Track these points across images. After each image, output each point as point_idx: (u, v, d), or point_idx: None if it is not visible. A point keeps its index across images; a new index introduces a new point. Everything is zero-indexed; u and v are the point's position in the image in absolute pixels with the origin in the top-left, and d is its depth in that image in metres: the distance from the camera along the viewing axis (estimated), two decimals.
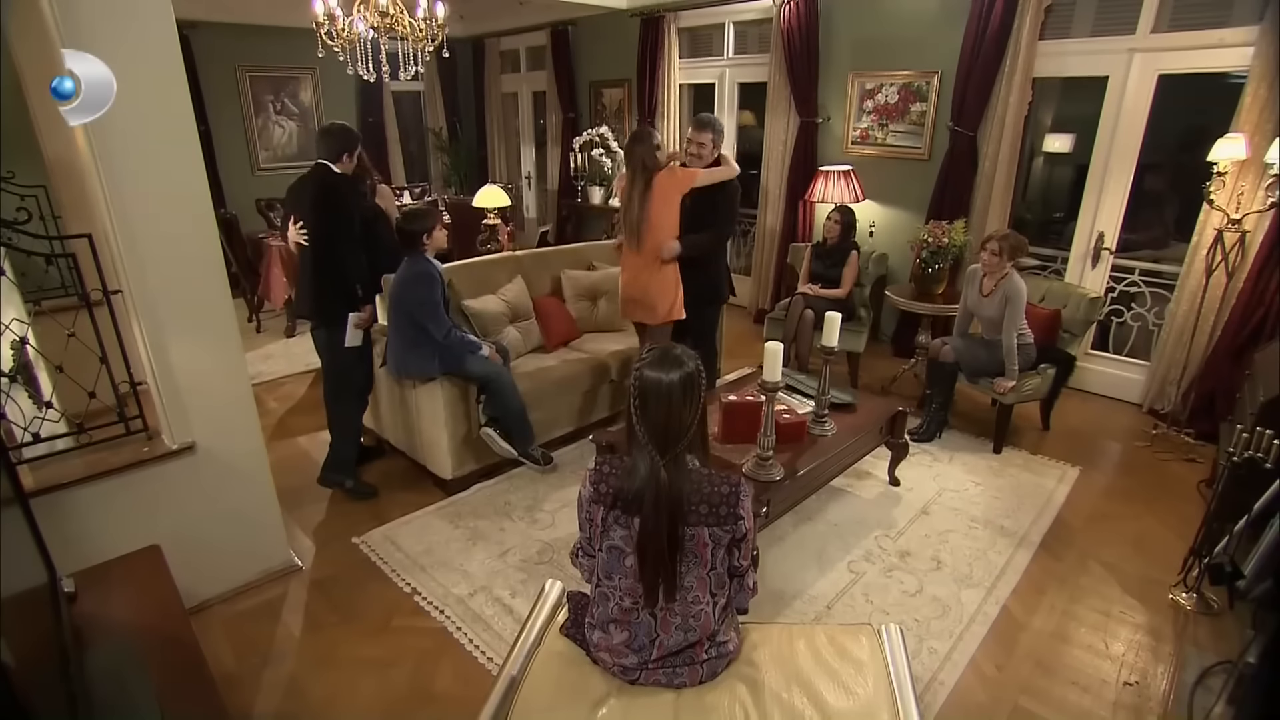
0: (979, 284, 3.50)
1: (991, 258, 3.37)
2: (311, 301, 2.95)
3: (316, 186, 2.81)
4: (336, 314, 2.90)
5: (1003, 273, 3.39)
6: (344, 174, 2.84)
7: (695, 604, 1.44)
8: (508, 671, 1.55)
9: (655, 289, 3.21)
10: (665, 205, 3.09)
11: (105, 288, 2.06)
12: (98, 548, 1.97)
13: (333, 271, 2.85)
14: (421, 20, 3.87)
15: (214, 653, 2.16)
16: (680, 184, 3.11)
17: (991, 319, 3.45)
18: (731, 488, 1.42)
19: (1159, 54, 3.67)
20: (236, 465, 2.41)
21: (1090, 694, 2.09)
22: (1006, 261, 3.36)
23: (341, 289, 2.88)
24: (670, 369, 1.37)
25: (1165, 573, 2.60)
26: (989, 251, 3.38)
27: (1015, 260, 3.39)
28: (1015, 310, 3.31)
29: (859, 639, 1.64)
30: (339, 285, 2.87)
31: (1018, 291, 3.31)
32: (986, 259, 3.40)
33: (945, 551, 2.73)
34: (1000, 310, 3.37)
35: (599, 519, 1.45)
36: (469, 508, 3.03)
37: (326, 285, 2.87)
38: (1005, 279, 3.37)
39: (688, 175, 3.11)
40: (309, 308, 2.99)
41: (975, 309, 3.56)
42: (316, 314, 2.96)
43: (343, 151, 2.82)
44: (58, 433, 2.11)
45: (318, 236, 2.82)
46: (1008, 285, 3.34)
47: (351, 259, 2.87)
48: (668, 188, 3.09)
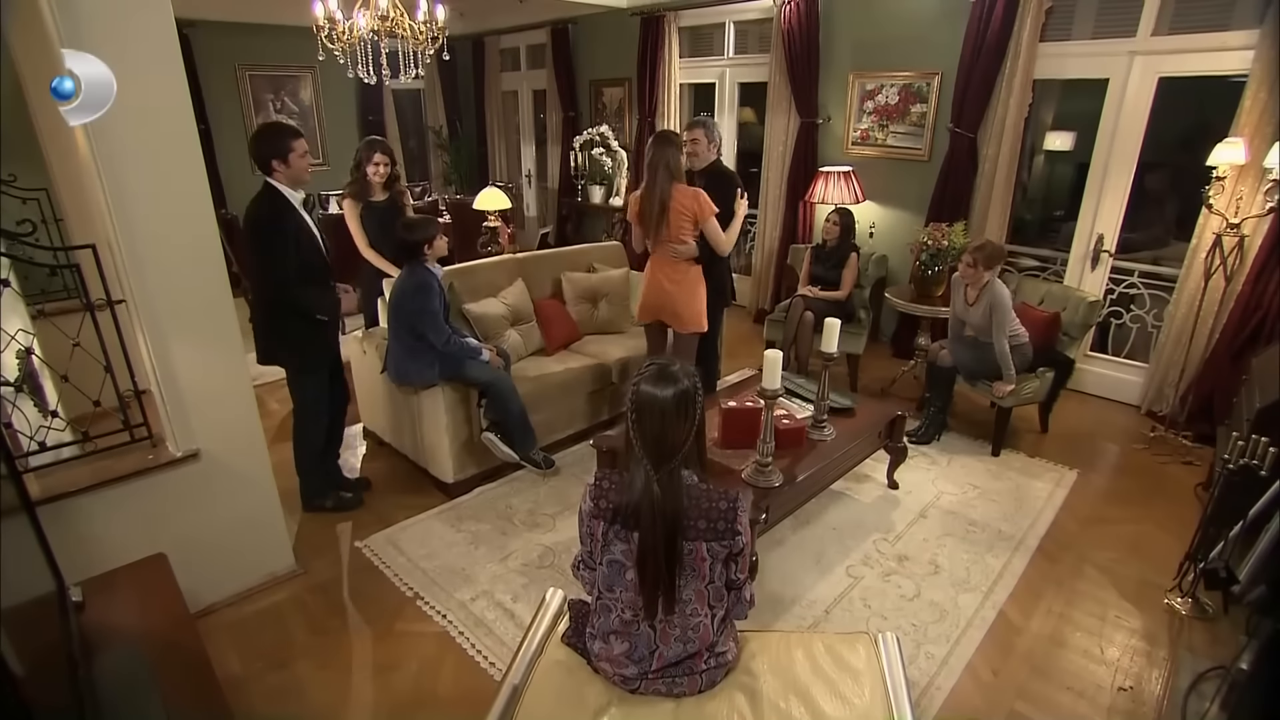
0: (963, 292, 3.55)
1: (968, 269, 3.42)
2: (263, 343, 2.77)
3: (245, 214, 2.62)
4: (293, 357, 2.77)
5: (983, 282, 3.42)
6: (274, 190, 2.56)
7: (694, 616, 1.46)
8: (510, 680, 1.58)
9: (682, 295, 3.19)
10: (680, 216, 3.06)
11: (109, 297, 2.07)
12: (104, 554, 2.00)
13: (279, 309, 2.67)
14: (422, 23, 3.86)
15: (219, 657, 2.18)
16: (697, 211, 3.04)
17: (979, 326, 3.49)
18: (729, 503, 1.44)
19: (1159, 56, 3.67)
20: (240, 471, 2.43)
21: (1085, 699, 2.11)
22: (984, 271, 3.40)
23: (293, 329, 2.69)
24: (666, 385, 1.39)
25: (1161, 576, 2.62)
26: (965, 264, 3.43)
27: (993, 269, 3.42)
28: (1001, 316, 3.35)
29: (856, 647, 1.66)
30: (290, 325, 2.69)
31: (1000, 298, 3.35)
32: (964, 270, 3.45)
33: (943, 555, 2.75)
34: (986, 318, 3.40)
35: (599, 534, 1.47)
36: (470, 511, 3.05)
37: (275, 327, 2.70)
38: (987, 287, 3.41)
39: (705, 208, 3.05)
40: (262, 350, 2.78)
41: (963, 316, 3.60)
42: (270, 358, 2.79)
43: (270, 158, 2.53)
44: (63, 441, 2.13)
45: (252, 272, 2.64)
46: (990, 293, 3.38)
47: (298, 291, 2.62)
48: (687, 204, 3.04)
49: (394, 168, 3.68)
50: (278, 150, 2.54)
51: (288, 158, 2.55)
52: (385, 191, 3.68)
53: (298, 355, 2.79)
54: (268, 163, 2.54)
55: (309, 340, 2.76)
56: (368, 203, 3.66)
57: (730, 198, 3.24)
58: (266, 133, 2.60)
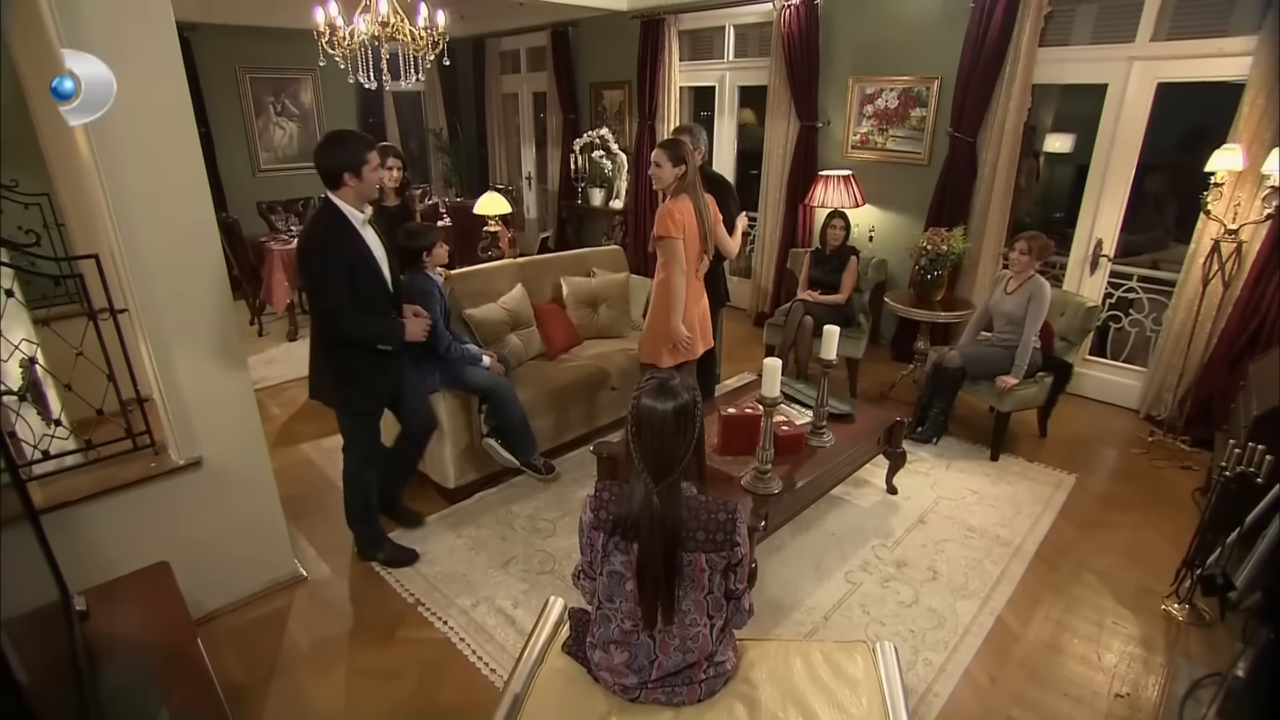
0: (1004, 283, 3.59)
1: (1021, 257, 3.47)
2: (313, 374, 2.52)
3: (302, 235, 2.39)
4: (337, 397, 2.51)
5: (1029, 274, 3.47)
6: (335, 210, 2.25)
7: (693, 626, 1.47)
8: (511, 689, 1.59)
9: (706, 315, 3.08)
10: (717, 229, 2.99)
11: (112, 306, 2.08)
12: (107, 562, 2.02)
13: (329, 340, 2.39)
14: (422, 29, 3.88)
15: (222, 663, 2.20)
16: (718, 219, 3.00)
17: (1011, 314, 3.52)
18: (728, 515, 1.45)
19: (1158, 62, 3.68)
20: (242, 478, 2.44)
21: (1083, 706, 2.12)
22: (1035, 262, 3.46)
23: (344, 364, 2.42)
24: (666, 399, 1.41)
25: (1159, 582, 2.63)
26: (1018, 250, 3.48)
27: (1043, 259, 3.48)
28: (1039, 306, 3.40)
29: (854, 657, 1.67)
30: (339, 359, 2.41)
31: (1043, 290, 3.42)
32: (1016, 258, 3.49)
33: (941, 561, 2.76)
34: (1023, 307, 3.45)
35: (599, 545, 1.48)
36: (471, 516, 3.06)
37: (323, 359, 2.44)
38: (1031, 279, 3.46)
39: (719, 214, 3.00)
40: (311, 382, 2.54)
41: (996, 305, 3.62)
42: (317, 393, 2.55)
43: (342, 170, 2.21)
44: (67, 449, 2.14)
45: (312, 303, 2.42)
46: (1033, 285, 3.44)
47: (348, 323, 2.32)
48: (716, 213, 2.99)
49: (405, 173, 3.69)
50: (350, 162, 2.20)
51: (360, 171, 2.22)
52: (398, 197, 3.70)
53: (342, 396, 2.50)
54: (338, 176, 2.21)
55: (358, 379, 2.45)
56: (380, 207, 3.67)
57: (727, 200, 3.26)
58: (337, 141, 2.25)
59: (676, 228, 2.76)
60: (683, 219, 2.78)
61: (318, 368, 2.49)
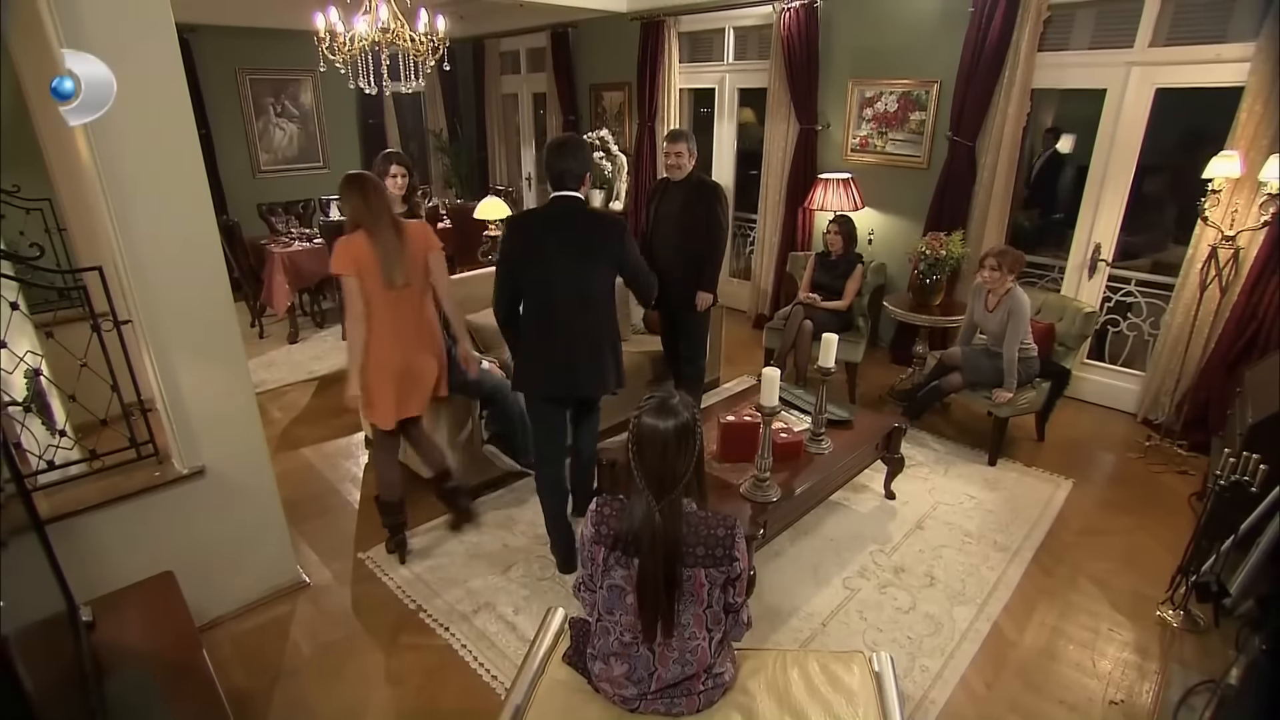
0: (984, 299, 3.57)
1: (991, 274, 3.45)
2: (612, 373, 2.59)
3: (588, 227, 2.44)
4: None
5: (1005, 288, 3.46)
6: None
7: (692, 639, 1.49)
8: (513, 700, 1.61)
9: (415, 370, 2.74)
10: None
11: (115, 317, 2.10)
12: (111, 571, 2.04)
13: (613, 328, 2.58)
14: (423, 34, 3.88)
15: (225, 670, 2.22)
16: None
17: (995, 333, 3.53)
18: (727, 530, 1.47)
19: (1156, 68, 3.69)
20: (244, 485, 2.46)
21: (1078, 712, 2.15)
22: (1008, 276, 3.44)
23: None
24: (667, 418, 1.42)
25: (1154, 588, 2.65)
26: (988, 268, 3.46)
27: (1015, 272, 3.46)
28: (1018, 323, 3.38)
29: (851, 666, 1.69)
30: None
31: (1020, 305, 3.39)
32: (987, 275, 3.47)
33: (939, 567, 2.78)
34: (1003, 325, 3.44)
35: (600, 559, 1.50)
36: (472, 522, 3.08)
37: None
38: (1009, 294, 3.45)
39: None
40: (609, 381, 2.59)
41: (981, 323, 3.63)
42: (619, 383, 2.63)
43: (583, 174, 2.42)
44: (71, 459, 2.16)
45: (602, 290, 2.50)
46: (1011, 300, 3.42)
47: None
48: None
49: (411, 178, 3.68)
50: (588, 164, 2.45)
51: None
52: (404, 204, 3.69)
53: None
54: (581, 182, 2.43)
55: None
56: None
57: (715, 207, 3.28)
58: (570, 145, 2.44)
59: (349, 263, 2.40)
60: (356, 252, 2.41)
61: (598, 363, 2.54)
